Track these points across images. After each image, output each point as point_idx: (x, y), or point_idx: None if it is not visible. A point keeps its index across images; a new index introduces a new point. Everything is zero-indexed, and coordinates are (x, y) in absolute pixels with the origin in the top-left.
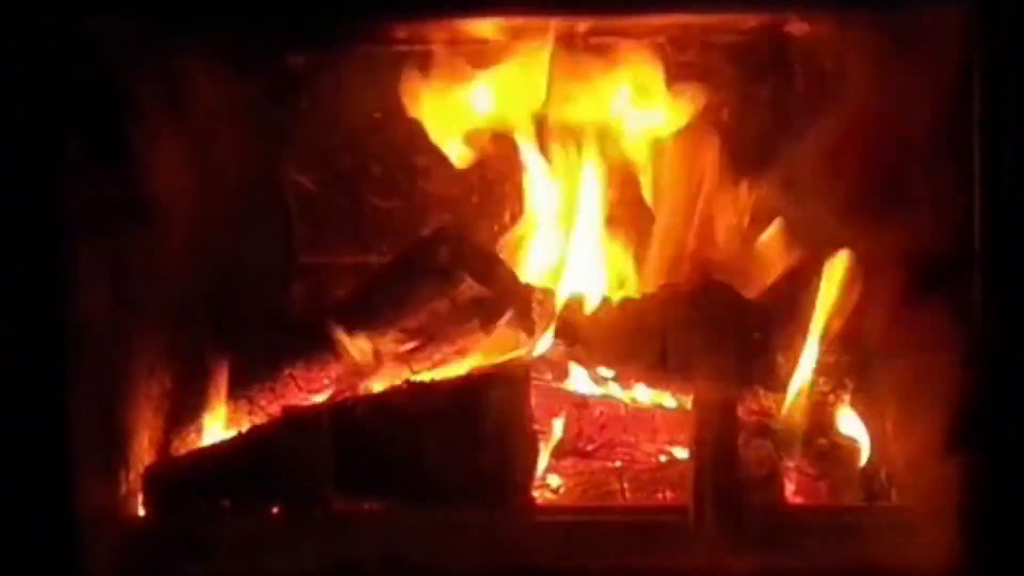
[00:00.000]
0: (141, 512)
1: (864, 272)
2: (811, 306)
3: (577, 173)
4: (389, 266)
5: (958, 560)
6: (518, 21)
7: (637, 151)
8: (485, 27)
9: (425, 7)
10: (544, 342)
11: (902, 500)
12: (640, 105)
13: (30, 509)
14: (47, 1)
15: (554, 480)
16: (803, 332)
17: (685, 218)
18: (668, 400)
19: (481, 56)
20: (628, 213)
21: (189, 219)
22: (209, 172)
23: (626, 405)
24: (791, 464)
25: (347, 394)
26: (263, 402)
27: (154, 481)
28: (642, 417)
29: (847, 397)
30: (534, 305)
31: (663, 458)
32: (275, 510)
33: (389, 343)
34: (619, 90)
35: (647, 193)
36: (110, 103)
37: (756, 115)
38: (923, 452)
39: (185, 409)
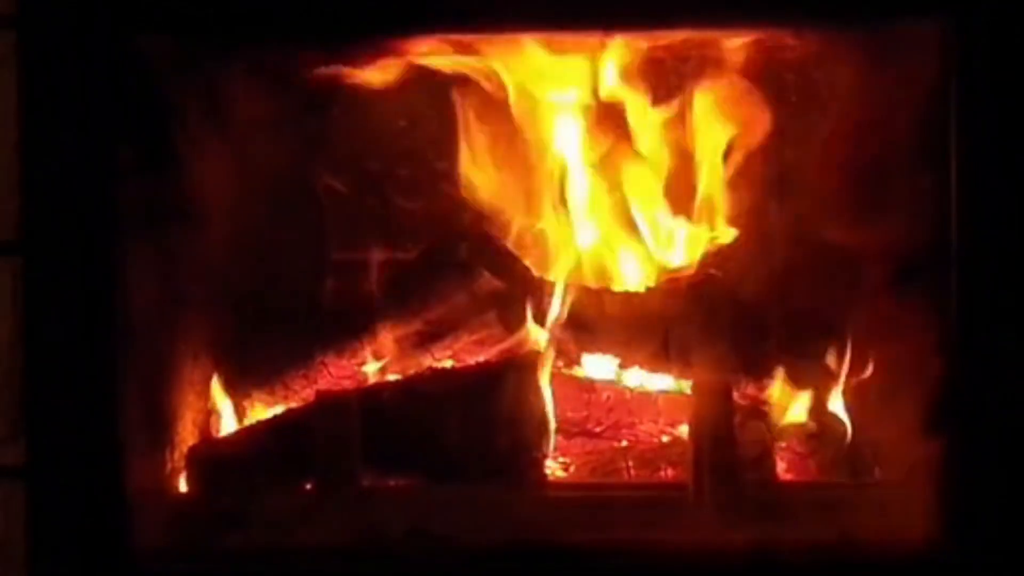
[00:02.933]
0: (185, 488)
1: (851, 266)
2: (802, 298)
3: (586, 173)
4: (414, 262)
5: (934, 531)
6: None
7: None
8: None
9: (447, 24)
10: (555, 332)
11: (884, 477)
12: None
13: (85, 485)
14: (100, 21)
15: (565, 458)
16: (794, 322)
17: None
18: (669, 385)
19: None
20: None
21: (230, 219)
22: (248, 176)
23: (631, 390)
24: (782, 444)
25: (375, 380)
26: (297, 387)
27: (197, 460)
28: (646, 401)
29: (834, 381)
30: (546, 297)
31: (665, 438)
32: (308, 486)
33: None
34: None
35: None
36: (158, 114)
37: (752, 121)
38: (903, 433)
39: (225, 394)
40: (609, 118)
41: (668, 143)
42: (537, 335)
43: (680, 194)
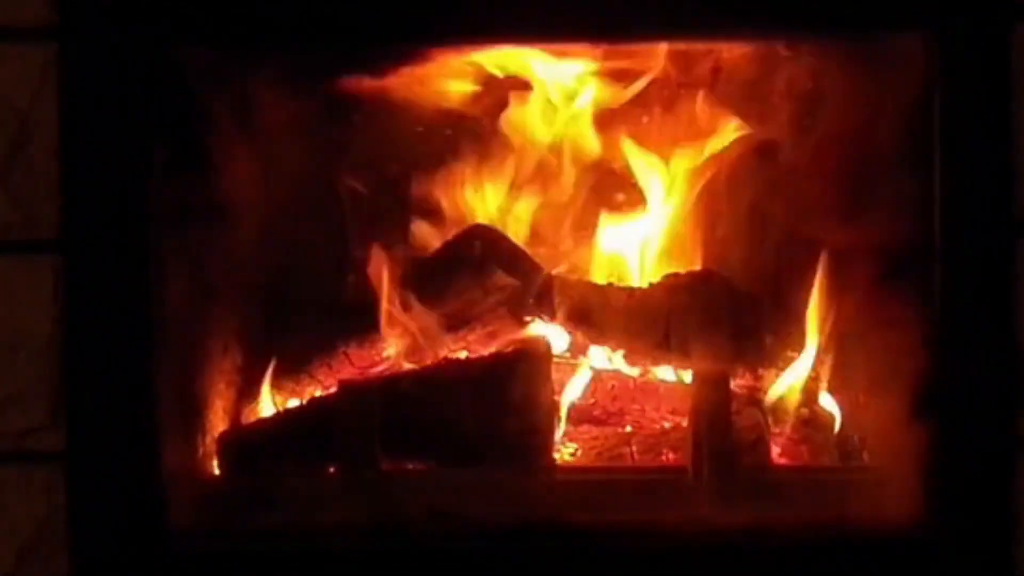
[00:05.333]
0: (216, 471)
1: (841, 264)
2: (795, 294)
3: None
4: (430, 259)
5: (918, 512)
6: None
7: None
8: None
9: (463, 36)
10: (563, 324)
11: (872, 461)
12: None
13: (122, 469)
14: (136, 32)
15: (572, 444)
16: (788, 316)
17: (687, 216)
18: (670, 375)
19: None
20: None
21: (258, 218)
22: (275, 177)
23: (634, 379)
24: (776, 430)
25: (394, 369)
26: (321, 376)
27: (227, 444)
28: (648, 389)
29: (825, 372)
30: (555, 292)
31: (666, 425)
32: (331, 469)
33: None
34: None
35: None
36: (191, 118)
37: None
38: (890, 420)
39: (254, 382)
40: (611, 122)
41: (668, 147)
42: (546, 328)
43: (680, 195)
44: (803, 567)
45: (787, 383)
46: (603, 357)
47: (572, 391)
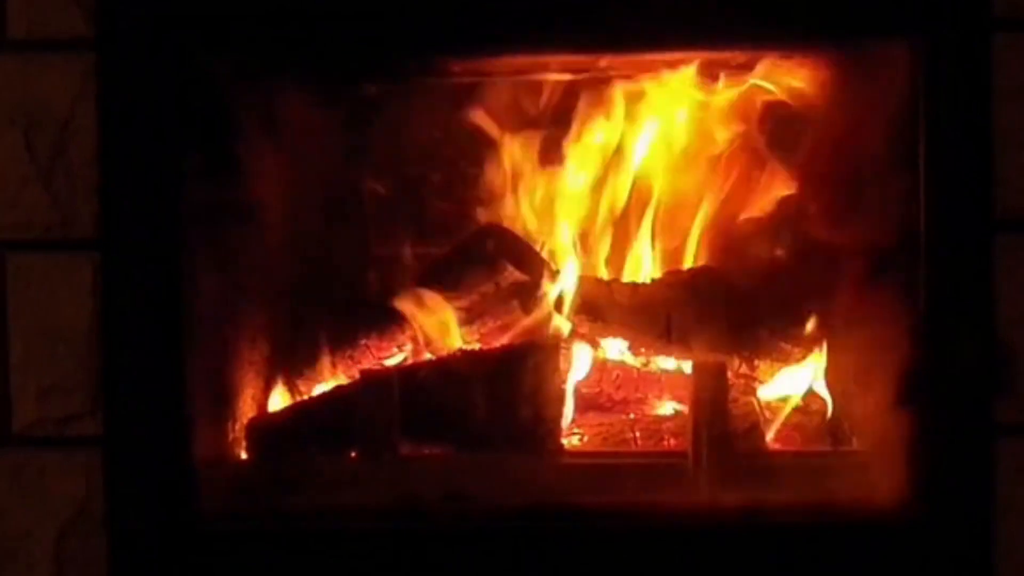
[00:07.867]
0: (245, 456)
1: (831, 260)
2: (789, 289)
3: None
4: (446, 256)
5: (905, 493)
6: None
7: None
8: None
9: (476, 47)
10: (571, 318)
11: (861, 446)
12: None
13: (157, 454)
14: (170, 43)
15: (579, 430)
16: (782, 310)
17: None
18: (671, 365)
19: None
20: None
21: (284, 218)
22: (301, 180)
23: (637, 369)
24: (770, 417)
25: (412, 360)
26: (343, 367)
27: (255, 430)
28: (651, 379)
29: (817, 362)
30: (563, 288)
31: (667, 412)
32: (353, 454)
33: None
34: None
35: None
36: (222, 124)
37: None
38: (878, 406)
39: (280, 372)
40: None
41: (670, 151)
42: (554, 321)
43: (681, 196)
44: (795, 546)
45: (781, 373)
46: (608, 348)
47: (579, 380)
